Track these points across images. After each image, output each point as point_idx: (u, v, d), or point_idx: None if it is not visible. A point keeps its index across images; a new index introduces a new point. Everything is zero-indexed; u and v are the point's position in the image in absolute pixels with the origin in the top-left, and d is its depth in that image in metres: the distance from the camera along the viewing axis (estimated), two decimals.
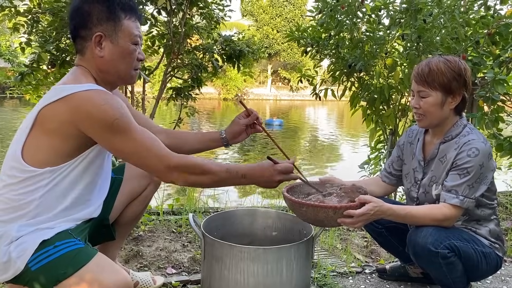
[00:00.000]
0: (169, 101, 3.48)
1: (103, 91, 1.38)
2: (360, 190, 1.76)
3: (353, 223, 1.63)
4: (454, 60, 1.79)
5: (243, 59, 3.43)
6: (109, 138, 1.35)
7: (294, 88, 38.24)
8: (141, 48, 1.54)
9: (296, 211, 1.73)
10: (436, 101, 1.78)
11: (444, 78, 1.76)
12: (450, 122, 1.85)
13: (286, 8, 38.77)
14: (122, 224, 1.84)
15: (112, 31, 1.44)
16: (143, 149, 1.38)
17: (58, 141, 1.37)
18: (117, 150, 1.40)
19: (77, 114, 1.32)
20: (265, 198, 5.21)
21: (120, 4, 1.45)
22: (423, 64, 1.83)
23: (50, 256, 1.32)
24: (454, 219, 1.77)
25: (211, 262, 1.75)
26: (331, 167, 10.24)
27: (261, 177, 1.52)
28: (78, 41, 1.47)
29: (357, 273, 2.36)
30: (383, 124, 3.49)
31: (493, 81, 2.62)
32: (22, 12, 3.04)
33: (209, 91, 34.91)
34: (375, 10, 3.18)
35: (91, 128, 1.34)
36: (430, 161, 1.92)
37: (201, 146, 1.85)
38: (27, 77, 3.06)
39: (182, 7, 3.06)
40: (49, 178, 1.38)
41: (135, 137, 1.37)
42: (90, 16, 1.43)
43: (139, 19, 1.53)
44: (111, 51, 1.45)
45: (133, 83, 1.62)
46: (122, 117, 1.34)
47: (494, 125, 2.86)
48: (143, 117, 1.84)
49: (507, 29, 2.71)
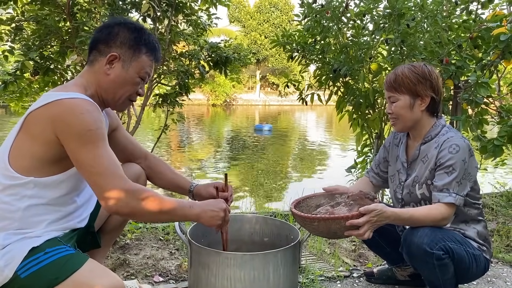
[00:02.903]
0: (156, 108, 3.46)
1: (88, 102, 1.38)
2: (368, 196, 1.76)
3: (359, 234, 1.64)
4: (419, 65, 1.90)
5: (230, 65, 3.43)
6: (76, 147, 1.34)
7: (283, 93, 38.38)
8: (144, 86, 1.60)
9: (307, 227, 1.72)
10: (405, 104, 1.88)
11: (409, 81, 1.86)
12: (427, 124, 1.92)
13: (273, 14, 39.03)
14: (107, 232, 1.82)
15: (128, 58, 1.51)
16: (101, 166, 1.35)
17: (39, 147, 1.37)
18: (77, 160, 1.36)
19: (56, 119, 1.33)
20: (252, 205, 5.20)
21: (146, 41, 1.54)
22: (391, 72, 1.94)
23: (40, 263, 1.31)
24: (450, 217, 1.79)
25: (197, 269, 1.74)
26: (320, 172, 10.27)
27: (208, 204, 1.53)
28: (93, 53, 1.52)
29: (345, 277, 2.36)
30: (369, 128, 3.52)
31: (476, 84, 2.66)
32: (5, 20, 3.01)
33: (198, 97, 34.89)
34: (359, 16, 3.21)
35: (64, 133, 1.34)
36: (413, 162, 1.96)
37: (169, 187, 1.92)
38: (11, 86, 3.02)
39: (168, 13, 3.06)
40: (33, 189, 1.37)
41: (100, 152, 1.35)
42: (116, 37, 1.50)
43: (157, 61, 1.59)
44: (118, 73, 1.50)
45: (122, 111, 1.66)
46: (97, 130, 1.35)
47: (478, 128, 2.90)
48: (131, 138, 1.88)
49: (489, 32, 2.75)
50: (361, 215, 1.64)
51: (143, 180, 1.89)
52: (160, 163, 1.91)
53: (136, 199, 1.36)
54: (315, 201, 1.92)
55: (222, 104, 37.11)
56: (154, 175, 1.87)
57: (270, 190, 7.75)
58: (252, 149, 14.23)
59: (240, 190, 7.15)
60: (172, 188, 1.91)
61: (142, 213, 1.40)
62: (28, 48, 2.88)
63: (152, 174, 1.87)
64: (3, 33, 3.06)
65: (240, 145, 15.28)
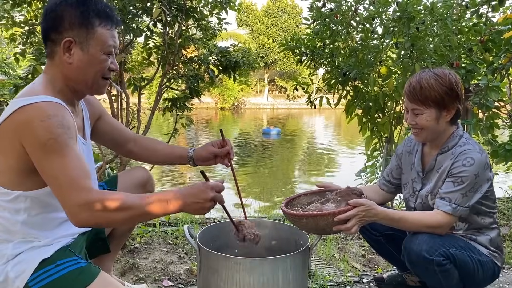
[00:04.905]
0: (165, 112, 3.48)
1: (52, 104, 1.28)
2: (355, 192, 1.76)
3: (347, 228, 1.63)
4: (444, 75, 1.79)
5: (239, 69, 3.44)
6: (39, 157, 1.25)
7: (291, 97, 38.40)
8: (115, 58, 1.46)
9: (297, 224, 1.72)
10: (431, 117, 1.79)
11: (436, 94, 1.75)
12: (447, 133, 1.86)
13: (281, 18, 39.10)
14: (116, 236, 1.83)
15: (84, 38, 1.37)
16: (64, 178, 1.23)
17: (13, 161, 1.29)
18: (41, 171, 1.26)
19: (20, 129, 1.25)
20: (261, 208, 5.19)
21: (95, 11, 1.38)
22: (413, 81, 1.81)
23: (52, 276, 1.29)
24: (447, 226, 1.76)
25: (206, 274, 1.73)
26: (329, 176, 10.24)
27: (191, 195, 1.32)
28: (48, 45, 1.40)
29: (354, 283, 2.34)
30: (378, 132, 3.51)
31: (487, 88, 2.64)
32: (19, 23, 3.05)
33: (206, 101, 34.99)
34: (369, 19, 3.21)
35: (28, 143, 1.25)
36: (429, 172, 1.92)
37: (168, 160, 1.84)
38: (21, 89, 3.05)
39: (178, 18, 3.07)
40: (25, 202, 1.33)
41: (63, 162, 1.24)
42: (62, 20, 1.35)
43: (117, 25, 1.44)
44: (80, 58, 1.37)
45: (101, 93, 1.52)
46: (58, 137, 1.24)
47: (489, 132, 2.88)
48: (116, 124, 1.82)
49: (500, 36, 2.73)
50: (348, 211, 1.63)
51: (151, 185, 1.87)
52: (152, 141, 1.86)
53: (102, 211, 1.22)
54: (307, 199, 1.93)
55: (230, 108, 37.17)
56: (151, 153, 1.82)
57: (278, 195, 7.74)
58: (260, 153, 14.23)
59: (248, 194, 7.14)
60: (171, 160, 1.83)
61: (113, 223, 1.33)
62: (40, 53, 2.91)
63: (148, 153, 1.81)
64: (17, 35, 3.10)
65: (248, 149, 15.28)
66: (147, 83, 3.36)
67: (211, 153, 1.77)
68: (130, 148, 1.81)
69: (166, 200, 1.29)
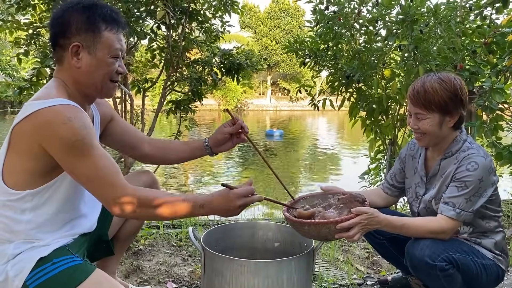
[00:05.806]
0: (169, 114, 3.49)
1: (70, 107, 1.31)
2: (358, 199, 1.75)
3: (349, 236, 1.63)
4: (449, 80, 1.77)
5: (242, 71, 3.45)
6: (67, 160, 1.30)
7: (294, 99, 38.37)
8: (122, 61, 1.49)
9: (298, 230, 1.72)
10: (434, 122, 1.77)
11: (441, 100, 1.74)
12: (449, 138, 1.84)
13: (284, 19, 39.08)
14: (121, 239, 1.83)
15: (91, 42, 1.40)
16: (98, 178, 1.31)
17: (29, 162, 1.33)
18: (72, 173, 1.32)
19: (40, 132, 1.28)
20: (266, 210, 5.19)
21: (101, 15, 1.41)
22: (418, 84, 1.80)
23: (48, 274, 1.31)
24: (450, 231, 1.75)
25: (211, 276, 1.73)
26: (332, 178, 10.22)
27: (220, 205, 1.39)
28: (56, 50, 1.43)
29: (358, 285, 2.34)
30: (382, 134, 3.50)
31: (491, 90, 2.64)
32: (23, 25, 3.07)
33: (209, 103, 35.01)
34: (372, 22, 3.21)
35: (51, 146, 1.29)
36: (432, 177, 1.91)
37: (186, 155, 1.84)
38: (26, 91, 3.07)
39: (182, 21, 3.08)
40: (32, 201, 1.35)
41: (93, 162, 1.30)
42: (69, 25, 1.39)
43: (122, 29, 1.47)
44: (88, 62, 1.40)
45: (110, 96, 1.55)
46: (84, 139, 1.28)
47: (493, 134, 2.87)
48: (129, 126, 1.83)
49: (503, 38, 2.72)
50: (350, 219, 1.62)
51: (157, 188, 1.88)
52: (164, 141, 1.88)
53: (147, 207, 1.34)
54: (309, 201, 1.93)
55: (233, 109, 37.21)
56: (167, 152, 1.82)
57: (282, 197, 7.73)
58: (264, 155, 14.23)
59: None
60: (188, 155, 1.84)
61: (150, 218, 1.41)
62: (44, 55, 2.93)
63: (164, 152, 1.82)
64: (21, 38, 3.12)
65: (252, 150, 15.27)
66: (151, 85, 3.38)
67: (225, 133, 1.77)
68: (144, 149, 1.81)
69: (200, 206, 1.39)
